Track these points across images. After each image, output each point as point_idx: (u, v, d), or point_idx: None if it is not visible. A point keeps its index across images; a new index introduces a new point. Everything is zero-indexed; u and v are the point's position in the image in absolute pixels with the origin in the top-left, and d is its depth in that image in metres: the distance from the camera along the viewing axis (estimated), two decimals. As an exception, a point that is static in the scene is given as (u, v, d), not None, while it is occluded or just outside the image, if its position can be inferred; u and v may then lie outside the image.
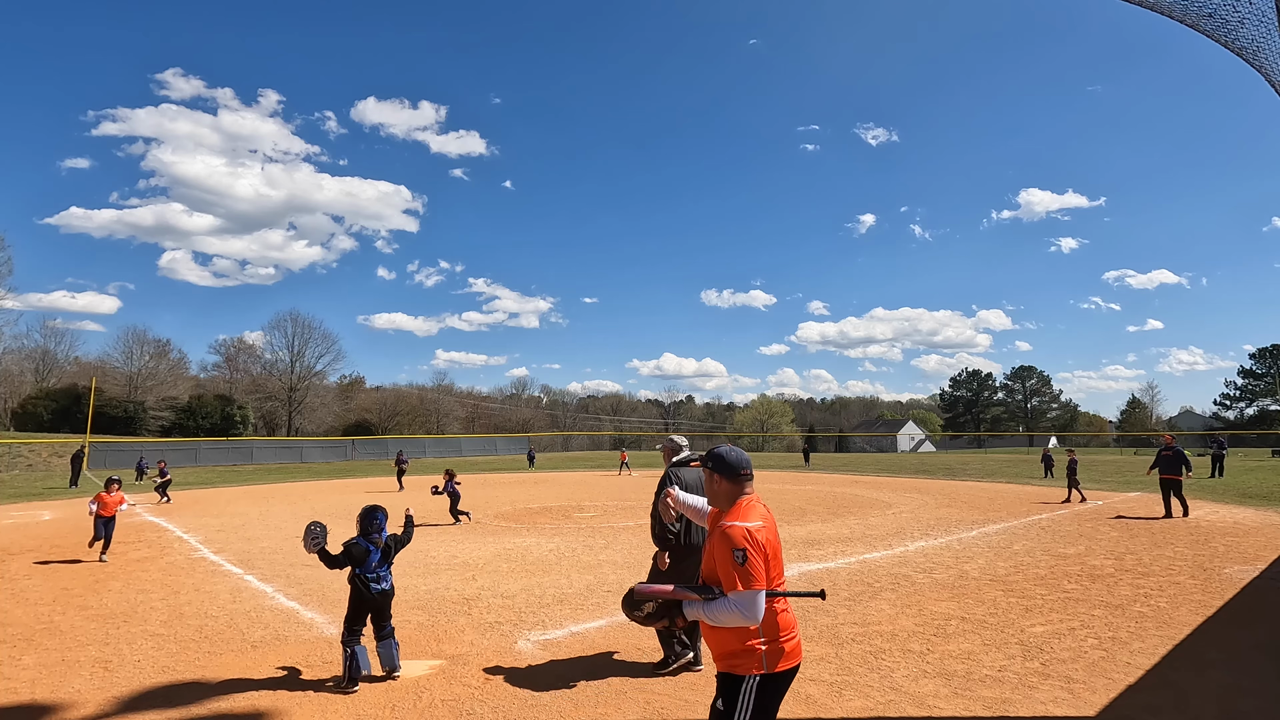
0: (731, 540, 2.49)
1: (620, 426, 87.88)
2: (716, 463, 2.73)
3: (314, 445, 48.90)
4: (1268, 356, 78.31)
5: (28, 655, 5.51)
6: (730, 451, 2.73)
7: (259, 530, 13.08)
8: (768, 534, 2.57)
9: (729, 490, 2.70)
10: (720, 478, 2.71)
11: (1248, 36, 4.78)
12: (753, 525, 2.54)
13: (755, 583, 2.43)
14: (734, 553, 2.46)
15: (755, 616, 2.42)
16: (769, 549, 2.54)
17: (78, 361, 64.62)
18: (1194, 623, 6.08)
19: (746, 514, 2.60)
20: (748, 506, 2.64)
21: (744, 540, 2.48)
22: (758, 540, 2.50)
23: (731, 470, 2.69)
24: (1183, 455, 13.43)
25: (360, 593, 4.88)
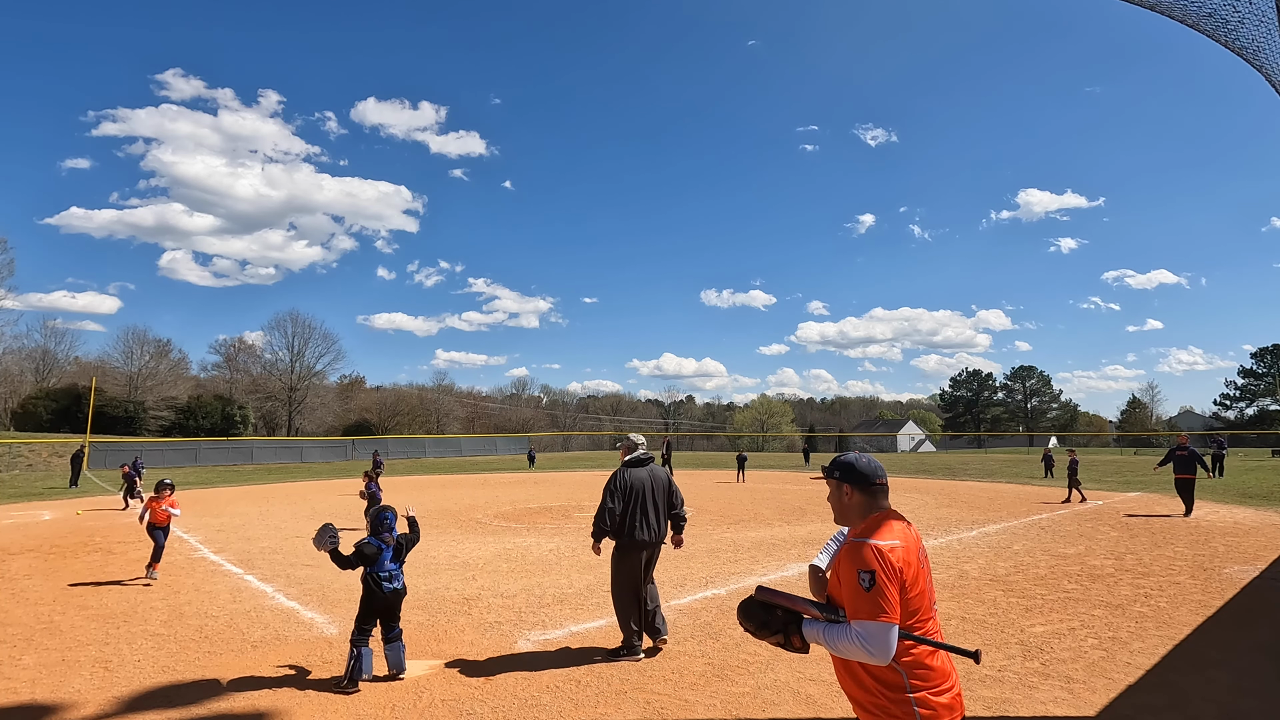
0: (858, 559, 2.09)
1: (620, 426, 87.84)
2: (846, 471, 2.33)
3: (314, 445, 48.89)
4: (1268, 356, 78.29)
5: (28, 655, 5.51)
6: (861, 458, 2.35)
7: (259, 530, 13.08)
8: (906, 556, 2.12)
9: (861, 504, 2.29)
10: (852, 488, 2.30)
11: (1248, 36, 4.78)
12: (886, 544, 2.11)
13: (885, 614, 2.01)
14: (859, 575, 2.06)
15: (883, 654, 2.00)
16: (906, 575, 2.09)
17: (78, 361, 64.69)
18: (1194, 623, 6.08)
19: (881, 531, 2.17)
20: (883, 523, 2.21)
21: (873, 560, 2.06)
22: (891, 563, 2.07)
23: (864, 479, 2.30)
24: (1198, 455, 13.63)
25: (373, 592, 4.87)
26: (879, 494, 2.30)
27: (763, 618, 2.20)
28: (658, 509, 5.48)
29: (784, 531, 12.12)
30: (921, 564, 2.19)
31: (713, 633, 5.94)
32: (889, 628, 2.01)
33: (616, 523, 5.39)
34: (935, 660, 2.11)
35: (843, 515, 2.35)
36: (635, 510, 5.38)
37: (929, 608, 2.16)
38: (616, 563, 5.48)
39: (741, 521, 13.64)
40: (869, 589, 2.03)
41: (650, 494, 5.45)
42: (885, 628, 2.01)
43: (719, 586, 7.73)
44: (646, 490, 5.44)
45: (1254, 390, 79.40)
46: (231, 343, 71.27)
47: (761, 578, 8.15)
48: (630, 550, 5.38)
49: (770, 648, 5.48)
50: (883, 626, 2.00)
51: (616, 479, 5.46)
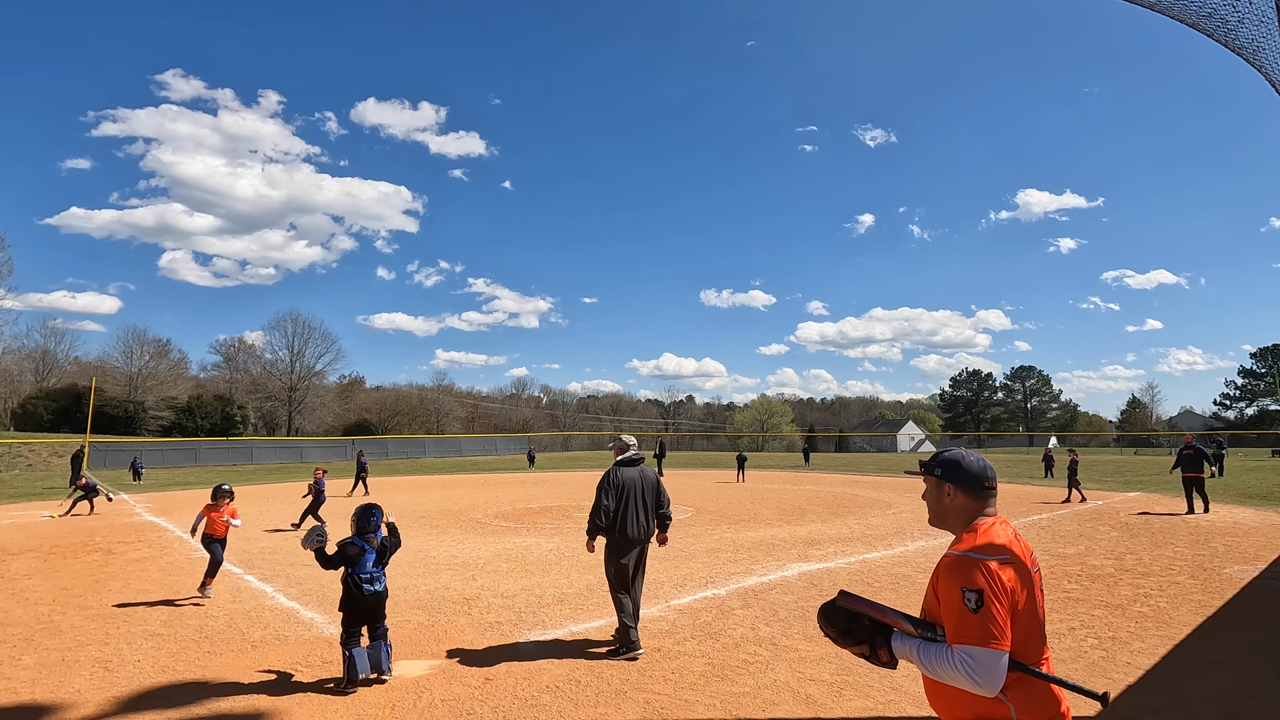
0: (963, 576, 1.81)
1: (620, 426, 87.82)
2: (949, 469, 2.05)
3: (314, 445, 48.89)
4: (1268, 356, 78.29)
5: (28, 655, 5.51)
6: (969, 455, 2.06)
7: (259, 530, 13.07)
8: (1018, 574, 1.84)
9: (965, 507, 2.01)
10: (957, 489, 2.02)
11: (1247, 36, 4.78)
12: (996, 559, 1.82)
13: (994, 640, 1.74)
14: (964, 594, 1.78)
15: (990, 685, 1.73)
16: (1018, 596, 1.81)
17: (78, 361, 64.69)
18: (1194, 623, 6.08)
19: (989, 544, 1.87)
20: (990, 530, 1.92)
21: (982, 578, 1.78)
22: (1002, 582, 1.79)
23: (973, 480, 2.00)
24: (1204, 453, 13.94)
25: (352, 594, 4.86)
26: (988, 498, 2.01)
27: (846, 624, 1.98)
28: (646, 507, 5.69)
29: (784, 531, 12.11)
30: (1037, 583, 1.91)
31: (713, 633, 5.94)
32: (998, 655, 1.74)
33: (610, 520, 5.56)
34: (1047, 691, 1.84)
35: (941, 517, 2.09)
36: (627, 508, 5.59)
37: (1041, 635, 1.88)
38: (609, 559, 5.61)
39: (741, 521, 13.64)
40: (976, 610, 1.76)
41: (640, 493, 5.68)
42: (994, 655, 1.74)
43: (719, 586, 7.73)
44: (637, 489, 5.66)
45: (1254, 390, 79.40)
46: (231, 343, 71.37)
47: (762, 578, 8.15)
48: (622, 546, 5.54)
49: (777, 648, 5.48)
50: (991, 654, 1.74)
51: (610, 477, 5.64)
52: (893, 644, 1.92)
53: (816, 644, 5.58)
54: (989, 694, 1.75)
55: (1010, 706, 1.80)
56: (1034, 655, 1.85)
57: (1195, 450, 13.90)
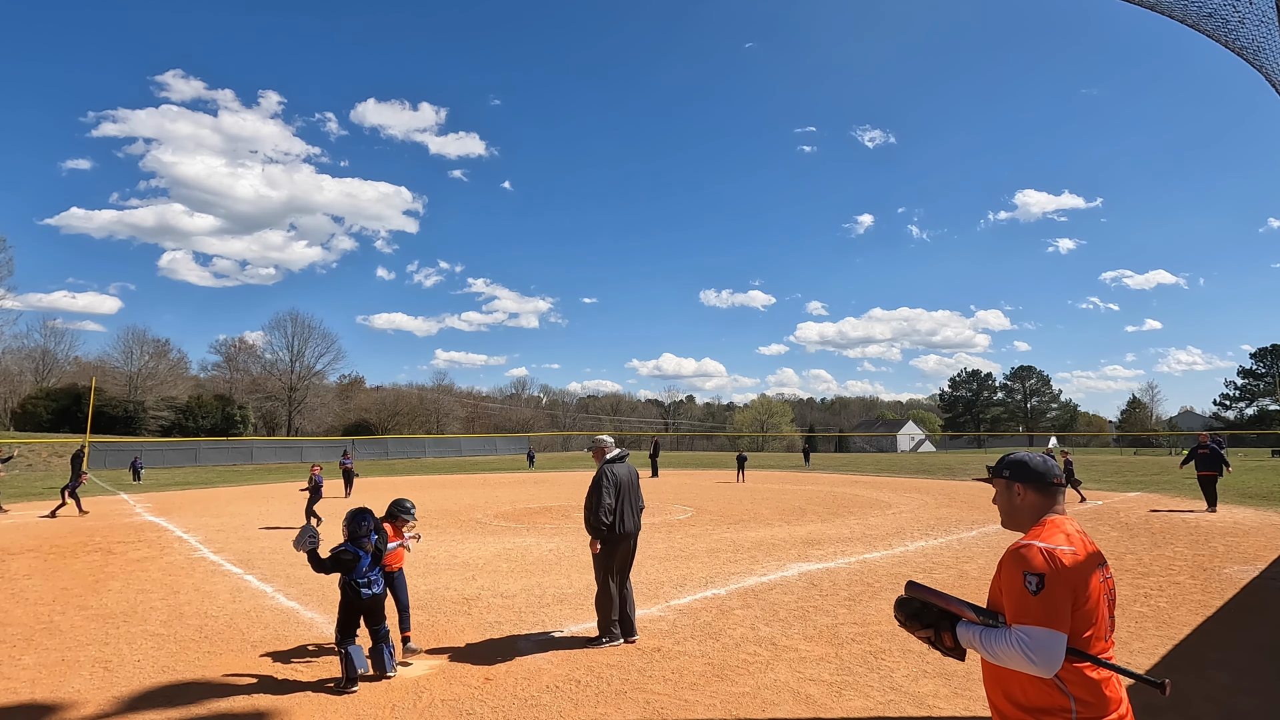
0: (1024, 562, 1.89)
1: (620, 426, 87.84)
2: (1018, 470, 2.15)
3: (314, 445, 48.89)
4: (1267, 356, 78.30)
5: (28, 655, 5.51)
6: (1034, 456, 2.17)
7: (259, 530, 13.07)
8: (1080, 562, 1.90)
9: (1036, 504, 2.10)
10: (1025, 488, 2.11)
11: (1248, 36, 4.78)
12: (1059, 547, 1.90)
13: (1054, 620, 1.80)
14: (1025, 577, 1.86)
15: (1047, 665, 1.79)
16: (1078, 583, 1.87)
17: (77, 361, 64.69)
18: (1194, 623, 6.08)
19: (1052, 534, 1.98)
20: (1056, 524, 2.02)
21: (1042, 562, 1.86)
22: (1063, 564, 1.86)
23: (1040, 478, 2.10)
24: (1220, 453, 14.05)
25: (350, 599, 4.86)
26: (1056, 494, 2.11)
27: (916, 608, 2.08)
28: (635, 503, 5.85)
29: (784, 531, 12.11)
30: (1101, 577, 1.95)
31: (713, 633, 5.94)
32: (1056, 636, 1.80)
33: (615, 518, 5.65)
34: (1106, 685, 1.90)
35: (1012, 517, 2.16)
36: (623, 505, 5.71)
37: (1105, 629, 1.93)
38: (604, 556, 5.65)
39: (741, 521, 13.64)
40: (1036, 592, 1.84)
41: (631, 489, 5.83)
42: (1052, 635, 1.79)
43: (719, 586, 7.72)
44: (627, 485, 5.81)
45: (1254, 390, 79.41)
46: (231, 343, 71.34)
47: (762, 578, 8.15)
48: (618, 542, 5.65)
49: (777, 648, 5.48)
50: (1049, 634, 1.79)
51: (607, 475, 5.72)
52: (957, 630, 1.98)
53: (816, 644, 5.58)
54: (1045, 674, 1.80)
55: (1070, 699, 1.84)
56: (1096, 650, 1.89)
57: (1212, 450, 14.06)
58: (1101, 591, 1.94)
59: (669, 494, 20.40)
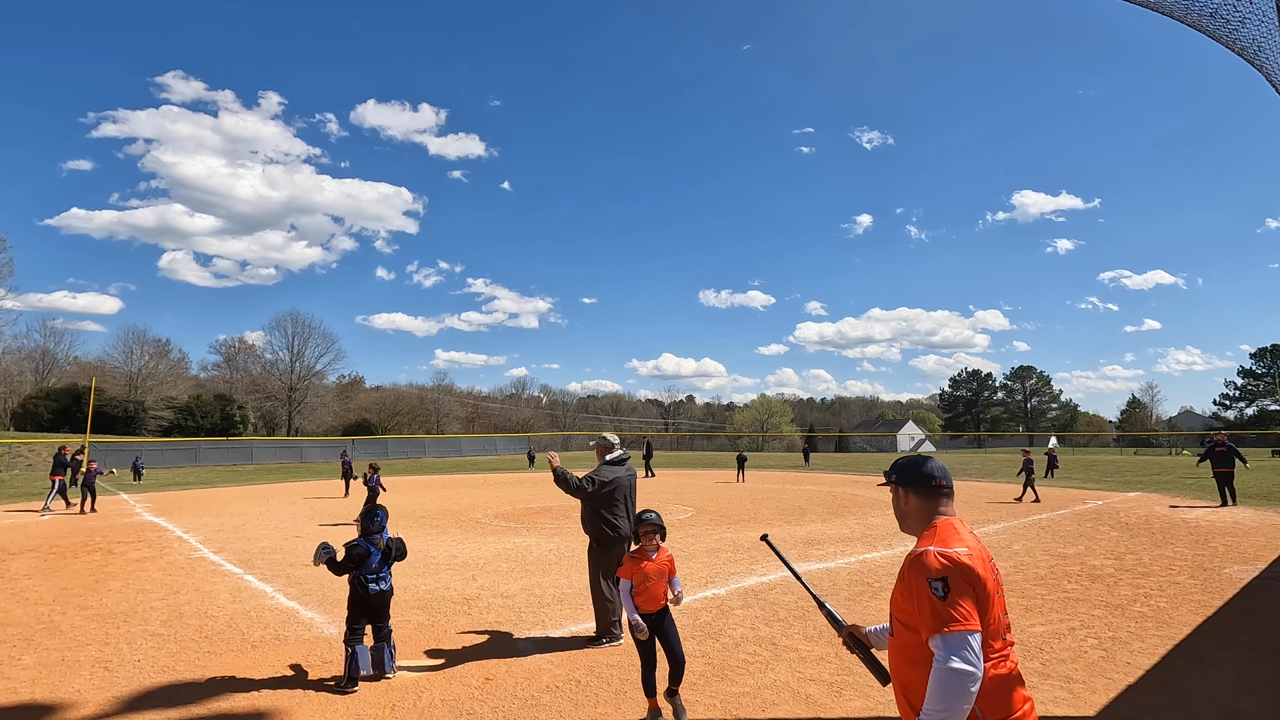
0: (925, 568, 1.87)
1: (620, 426, 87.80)
2: (904, 474, 2.17)
3: (314, 445, 48.86)
4: (1267, 356, 78.29)
5: (28, 655, 5.51)
6: (919, 459, 2.18)
7: (259, 530, 13.07)
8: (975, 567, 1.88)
9: (920, 508, 2.10)
10: (909, 492, 2.13)
11: (1248, 36, 4.78)
12: (954, 550, 1.89)
13: (966, 622, 1.78)
14: (930, 584, 1.83)
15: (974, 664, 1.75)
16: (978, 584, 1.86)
17: (77, 361, 64.66)
18: (1194, 623, 6.08)
19: (946, 538, 1.96)
20: (947, 527, 2.00)
21: (942, 565, 1.85)
22: (963, 565, 1.85)
23: (923, 481, 2.11)
24: (1236, 451, 14.90)
25: (358, 593, 4.89)
26: (942, 497, 2.10)
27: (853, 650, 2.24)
28: (632, 506, 5.87)
29: (784, 531, 12.11)
30: (995, 579, 1.95)
31: (713, 633, 5.94)
32: (972, 635, 1.78)
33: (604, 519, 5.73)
34: (1009, 685, 1.87)
35: (903, 521, 2.18)
36: (617, 506, 5.74)
37: (1000, 629, 1.91)
38: (598, 558, 5.71)
39: (741, 521, 13.63)
40: (945, 597, 1.81)
41: (627, 492, 5.87)
42: (969, 635, 1.77)
43: (719, 586, 7.72)
44: (624, 488, 5.84)
45: (1253, 390, 79.40)
46: (231, 343, 71.36)
47: (762, 578, 8.15)
48: (611, 545, 5.68)
49: (777, 648, 5.48)
50: (965, 635, 1.77)
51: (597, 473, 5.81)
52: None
53: (816, 644, 5.57)
54: (977, 672, 1.75)
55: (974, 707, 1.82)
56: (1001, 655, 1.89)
57: (1228, 448, 14.85)
58: (995, 590, 1.93)
59: (669, 494, 20.39)
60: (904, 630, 1.96)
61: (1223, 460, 14.90)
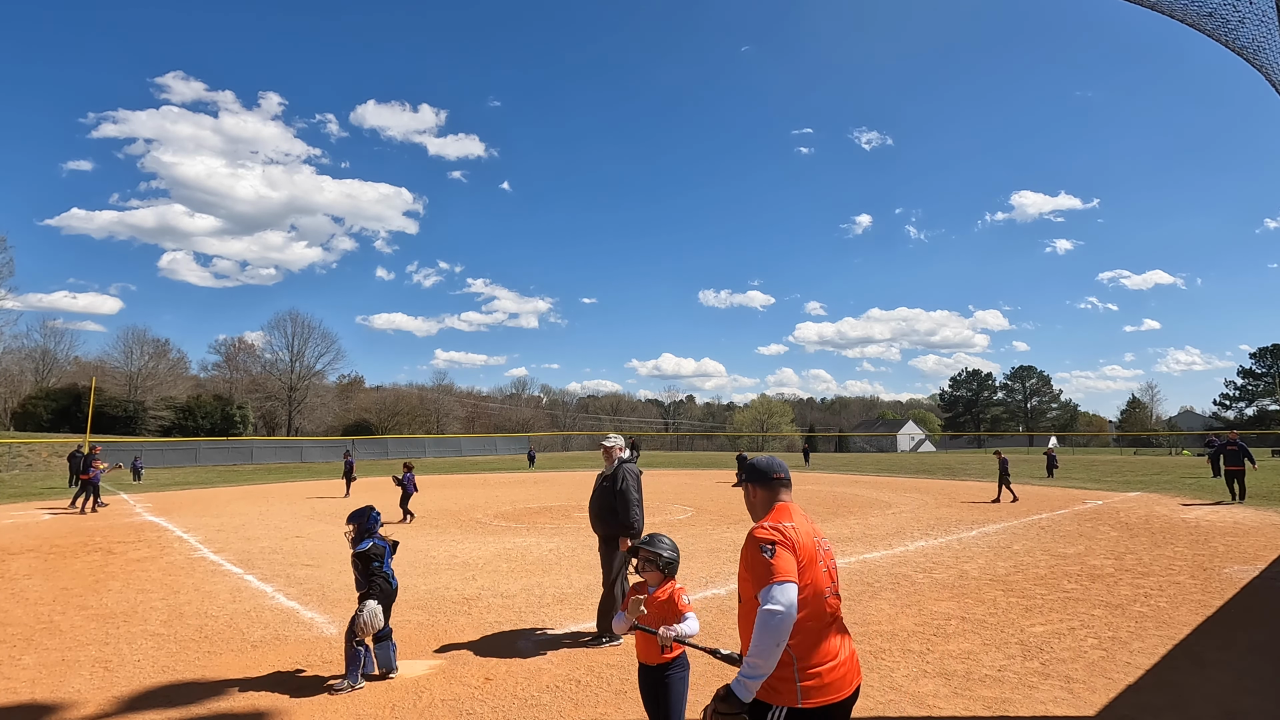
0: (756, 540, 2.28)
1: (620, 426, 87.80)
2: (750, 474, 2.59)
3: (314, 445, 48.87)
4: (1267, 356, 78.29)
5: (28, 655, 5.51)
6: (760, 458, 2.62)
7: (259, 530, 13.07)
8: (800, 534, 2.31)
9: (764, 498, 2.53)
10: (755, 487, 2.56)
11: (1248, 36, 4.78)
12: (783, 524, 2.33)
13: (786, 573, 2.16)
14: (760, 547, 2.23)
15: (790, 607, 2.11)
16: (799, 549, 2.26)
17: (77, 361, 64.66)
18: (1194, 623, 6.08)
19: (778, 517, 2.41)
20: (782, 511, 2.44)
21: (770, 534, 2.27)
22: (787, 534, 2.27)
23: (763, 475, 2.54)
24: (1246, 450, 15.84)
25: (383, 589, 4.97)
26: (779, 487, 2.53)
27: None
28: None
29: (784, 531, 12.11)
30: (819, 548, 2.36)
31: (712, 633, 5.94)
32: (789, 585, 2.15)
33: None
34: (822, 638, 2.25)
35: (752, 512, 2.57)
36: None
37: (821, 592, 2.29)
38: (621, 559, 5.65)
39: (741, 521, 13.63)
40: (771, 556, 2.20)
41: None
42: (785, 585, 2.14)
43: (719, 586, 7.72)
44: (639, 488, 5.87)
45: (1253, 390, 79.40)
46: (231, 343, 71.35)
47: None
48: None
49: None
50: (783, 585, 2.14)
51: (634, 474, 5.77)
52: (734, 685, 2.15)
53: (816, 644, 5.57)
54: (792, 616, 2.11)
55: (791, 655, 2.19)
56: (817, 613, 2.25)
57: (1239, 447, 15.81)
58: (817, 558, 2.32)
59: (669, 494, 20.39)
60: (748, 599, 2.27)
61: (1234, 459, 15.77)
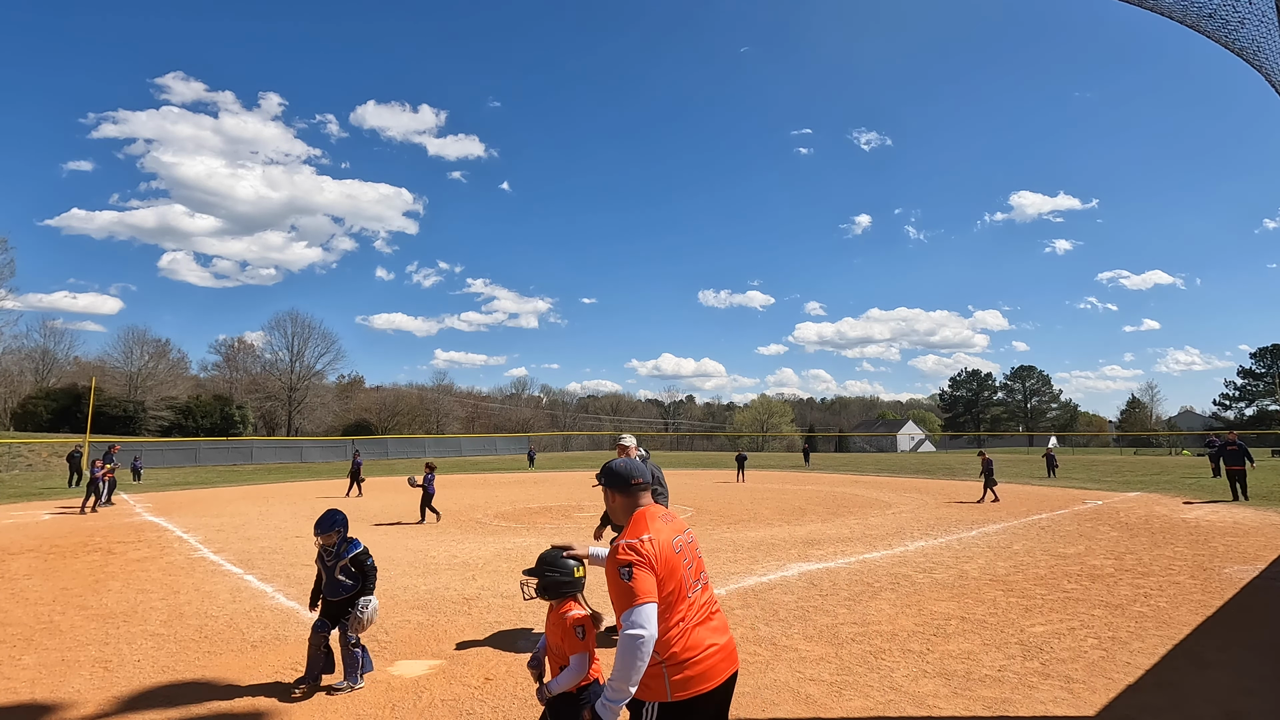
0: (616, 561, 2.33)
1: (620, 426, 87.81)
2: (608, 477, 2.61)
3: (314, 445, 48.89)
4: (1267, 356, 78.30)
5: (28, 655, 5.51)
6: (618, 462, 2.62)
7: (259, 530, 13.07)
8: (659, 550, 2.35)
9: (624, 503, 2.57)
10: (613, 492, 2.59)
11: (1248, 36, 4.78)
12: (641, 539, 2.36)
13: (645, 595, 2.24)
14: (619, 570, 2.29)
15: (650, 629, 2.21)
16: (658, 566, 2.32)
17: (77, 361, 64.66)
18: (1194, 623, 6.08)
19: (637, 528, 2.42)
20: (639, 520, 2.47)
21: (628, 554, 2.32)
22: (645, 552, 2.32)
23: (621, 481, 2.57)
24: (1245, 450, 16.21)
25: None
26: (637, 493, 2.57)
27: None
28: None
29: (784, 531, 12.11)
30: (679, 553, 2.43)
31: (713, 633, 5.93)
32: (649, 606, 2.24)
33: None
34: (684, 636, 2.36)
35: (614, 515, 2.62)
36: None
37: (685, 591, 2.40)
38: None
39: (741, 521, 13.64)
40: (628, 579, 2.27)
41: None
42: (644, 607, 2.23)
43: (719, 586, 7.72)
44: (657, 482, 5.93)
45: (1253, 390, 79.41)
46: (231, 343, 71.37)
47: (762, 578, 8.15)
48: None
49: (777, 648, 5.49)
50: (643, 607, 2.23)
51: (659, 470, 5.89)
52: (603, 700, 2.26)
53: (816, 644, 5.58)
54: (652, 636, 2.21)
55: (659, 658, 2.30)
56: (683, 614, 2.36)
57: (1239, 448, 16.20)
58: (678, 563, 2.39)
59: (669, 494, 20.38)
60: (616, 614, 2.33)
61: (1235, 459, 16.12)
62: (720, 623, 2.48)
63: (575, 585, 3.00)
